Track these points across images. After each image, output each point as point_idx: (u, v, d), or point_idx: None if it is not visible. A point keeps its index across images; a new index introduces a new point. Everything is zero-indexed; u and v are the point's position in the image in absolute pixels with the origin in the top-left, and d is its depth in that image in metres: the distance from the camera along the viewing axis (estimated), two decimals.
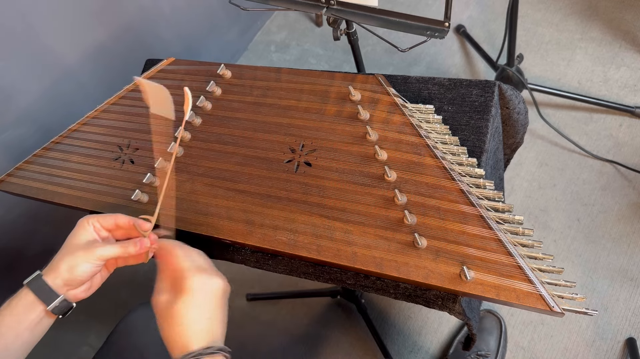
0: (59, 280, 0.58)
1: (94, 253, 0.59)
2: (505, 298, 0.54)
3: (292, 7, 0.82)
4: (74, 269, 0.58)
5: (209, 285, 0.55)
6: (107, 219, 0.62)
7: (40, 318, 0.59)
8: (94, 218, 0.62)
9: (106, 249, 0.59)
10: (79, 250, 0.59)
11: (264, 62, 1.72)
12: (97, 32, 1.26)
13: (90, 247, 0.59)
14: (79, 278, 0.59)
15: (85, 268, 0.58)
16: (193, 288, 0.53)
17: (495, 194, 0.60)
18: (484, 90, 0.68)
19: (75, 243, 0.60)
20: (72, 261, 0.58)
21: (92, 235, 0.61)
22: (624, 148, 1.25)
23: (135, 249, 0.61)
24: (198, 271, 0.55)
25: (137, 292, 1.40)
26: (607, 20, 1.44)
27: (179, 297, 0.53)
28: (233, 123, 0.77)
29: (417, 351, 1.15)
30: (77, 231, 0.61)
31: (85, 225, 0.61)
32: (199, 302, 0.53)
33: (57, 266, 0.59)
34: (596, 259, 1.15)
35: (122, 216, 0.63)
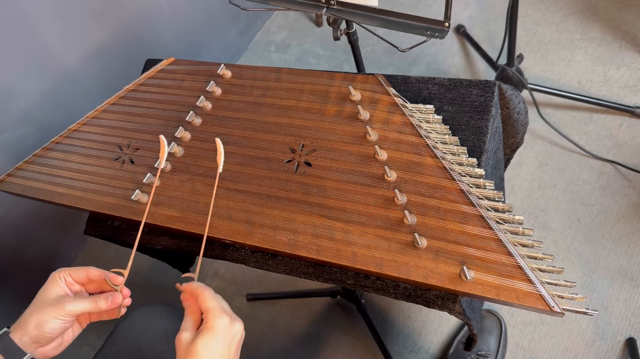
0: (26, 337, 0.57)
1: (63, 309, 0.57)
2: (505, 298, 0.54)
3: (292, 7, 0.82)
4: (42, 326, 0.57)
5: (232, 329, 0.54)
6: (78, 272, 0.61)
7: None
8: (66, 272, 0.61)
9: (76, 304, 0.58)
10: (48, 306, 0.58)
11: (264, 62, 1.72)
12: (97, 32, 1.26)
13: (60, 303, 0.58)
14: (47, 335, 0.57)
15: (54, 324, 0.57)
16: (217, 329, 0.53)
17: (495, 194, 0.60)
18: (484, 90, 0.68)
19: (45, 298, 0.59)
20: (41, 317, 0.57)
21: (63, 289, 0.60)
22: (624, 148, 1.25)
23: (106, 304, 0.60)
24: (223, 313, 0.54)
25: (137, 293, 1.40)
26: (607, 20, 1.44)
27: (201, 335, 0.53)
28: (233, 123, 0.77)
29: (417, 351, 1.15)
30: (48, 285, 0.60)
31: (56, 279, 0.60)
32: (219, 343, 0.53)
33: (25, 323, 0.57)
34: (596, 259, 1.15)
35: (94, 269, 0.61)
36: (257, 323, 1.27)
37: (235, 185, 0.71)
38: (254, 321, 1.27)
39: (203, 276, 1.37)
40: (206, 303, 0.55)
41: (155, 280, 1.42)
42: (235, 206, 0.70)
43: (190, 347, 0.52)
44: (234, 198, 0.70)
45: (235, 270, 1.37)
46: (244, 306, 1.31)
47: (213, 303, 0.55)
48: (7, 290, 1.29)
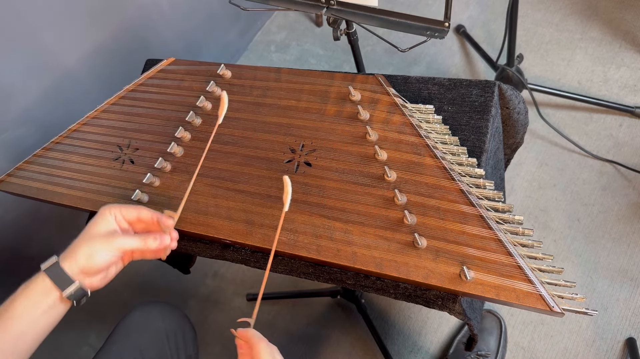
0: (75, 266, 0.58)
1: (114, 243, 0.59)
2: (505, 298, 0.54)
3: (292, 7, 0.82)
4: (92, 257, 0.58)
5: None
6: (130, 211, 0.62)
7: (55, 303, 0.59)
8: (117, 209, 0.62)
9: (126, 240, 0.59)
10: (99, 239, 0.59)
11: (264, 62, 1.72)
12: (97, 32, 1.26)
13: (110, 237, 0.59)
14: (96, 267, 0.59)
15: (103, 256, 0.58)
16: None
17: (495, 194, 0.60)
18: (484, 90, 0.68)
19: (95, 232, 0.60)
20: (91, 249, 0.58)
21: (113, 225, 0.61)
22: (624, 148, 1.25)
23: (155, 244, 0.61)
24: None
25: (137, 292, 1.40)
26: (607, 20, 1.44)
27: None
28: (233, 123, 0.77)
29: (417, 351, 1.15)
30: (98, 220, 0.61)
31: (106, 214, 0.61)
32: None
33: (74, 253, 0.59)
34: (596, 259, 1.15)
35: (146, 209, 0.63)
36: (257, 323, 1.27)
37: (235, 185, 0.71)
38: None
39: (203, 276, 1.37)
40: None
41: (155, 280, 1.42)
42: (235, 206, 0.70)
43: None
44: (234, 198, 0.70)
45: (235, 270, 1.37)
46: (244, 306, 1.31)
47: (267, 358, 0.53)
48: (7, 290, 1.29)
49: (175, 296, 1.37)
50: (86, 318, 1.37)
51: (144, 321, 0.81)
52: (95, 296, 0.64)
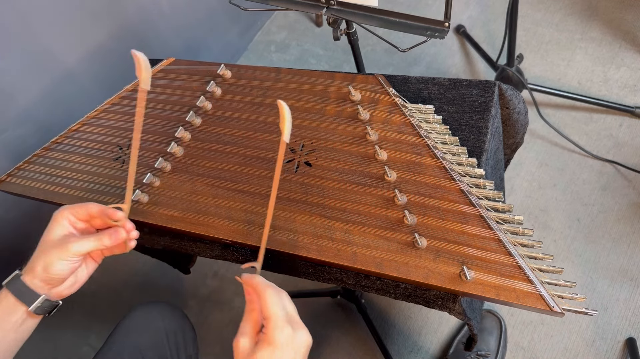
0: (36, 280, 0.56)
1: (69, 250, 0.56)
2: (505, 298, 0.54)
3: (292, 7, 0.82)
4: (50, 268, 0.56)
5: (296, 341, 0.49)
6: (79, 210, 0.59)
7: (23, 319, 0.57)
8: (68, 210, 0.59)
9: (81, 244, 0.57)
10: (53, 248, 0.56)
11: (264, 62, 1.72)
12: (97, 32, 1.26)
13: (64, 243, 0.56)
14: (56, 277, 0.57)
15: (61, 266, 0.56)
16: (279, 342, 0.48)
17: (495, 194, 0.60)
18: (484, 90, 0.68)
19: (50, 240, 0.58)
20: (47, 259, 0.56)
21: (67, 229, 0.59)
22: (624, 148, 1.25)
23: (110, 241, 0.58)
24: (287, 324, 0.49)
25: (137, 292, 1.40)
26: (607, 20, 1.44)
27: (260, 348, 0.48)
28: (233, 123, 0.77)
29: (417, 351, 1.15)
30: (52, 226, 0.59)
31: (59, 219, 0.59)
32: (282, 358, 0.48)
33: (33, 266, 0.56)
34: (596, 259, 1.15)
35: (94, 205, 0.59)
36: None
37: (235, 185, 0.71)
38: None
39: (203, 276, 1.37)
40: (267, 309, 0.49)
41: (155, 279, 1.42)
42: (235, 206, 0.70)
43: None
44: (234, 198, 0.70)
45: (235, 270, 1.37)
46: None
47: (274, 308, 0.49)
48: None
49: (175, 296, 1.37)
50: (86, 318, 1.38)
51: (144, 321, 0.81)
52: (95, 296, 0.64)
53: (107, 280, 1.35)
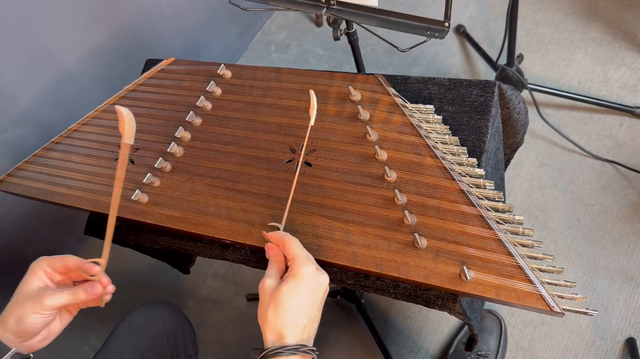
0: (8, 333, 0.56)
1: (43, 304, 0.56)
2: (505, 298, 0.54)
3: (292, 7, 0.82)
4: (22, 321, 0.55)
5: (318, 278, 0.53)
6: (57, 262, 0.59)
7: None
8: (45, 262, 0.59)
9: (55, 298, 0.56)
10: (27, 300, 0.56)
11: (264, 62, 1.72)
12: (97, 32, 1.26)
13: (39, 296, 0.56)
14: (29, 330, 0.56)
15: (34, 319, 0.56)
16: (303, 275, 0.52)
17: (495, 194, 0.60)
18: (484, 90, 0.68)
19: (25, 292, 0.57)
20: (20, 312, 0.56)
21: (43, 281, 0.58)
22: (624, 148, 1.25)
23: (85, 295, 0.58)
24: (309, 261, 0.54)
25: (137, 293, 1.40)
26: (607, 20, 1.44)
27: (286, 281, 0.52)
28: (233, 123, 0.77)
29: (417, 351, 1.15)
30: (28, 278, 0.58)
31: (36, 270, 0.58)
32: (305, 291, 0.52)
33: (6, 319, 0.56)
34: (596, 259, 1.15)
35: (72, 258, 0.60)
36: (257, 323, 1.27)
37: (235, 185, 0.71)
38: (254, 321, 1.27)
39: (203, 276, 1.37)
40: (292, 251, 0.54)
41: (155, 279, 1.42)
42: (235, 206, 0.70)
43: (276, 292, 0.52)
44: (234, 198, 0.70)
45: (235, 270, 1.37)
46: (244, 306, 1.31)
47: (299, 251, 0.55)
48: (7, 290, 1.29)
49: (175, 296, 1.37)
50: (86, 318, 1.37)
51: (144, 321, 0.81)
52: None
53: None
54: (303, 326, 0.52)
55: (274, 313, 0.51)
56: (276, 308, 0.51)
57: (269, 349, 0.50)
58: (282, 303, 0.51)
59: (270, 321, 0.52)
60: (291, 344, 0.50)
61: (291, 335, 0.51)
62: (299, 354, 0.50)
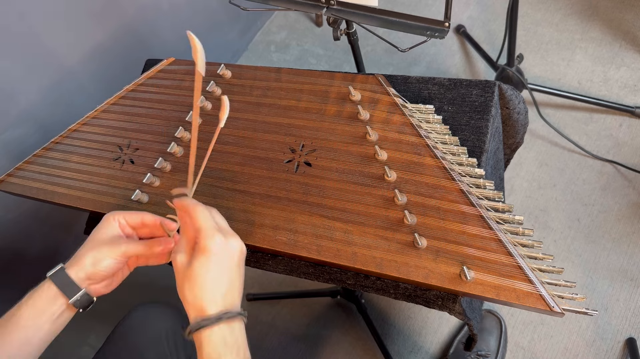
0: (82, 273, 0.58)
1: (119, 249, 0.59)
2: (505, 298, 0.54)
3: (292, 7, 0.82)
4: (98, 263, 0.58)
5: (228, 247, 0.53)
6: (133, 216, 0.62)
7: (61, 310, 0.59)
8: (120, 215, 0.62)
9: (131, 246, 0.59)
10: (104, 245, 0.59)
11: (264, 62, 1.72)
12: (97, 32, 1.26)
13: (115, 243, 0.59)
14: (102, 273, 0.59)
15: (108, 263, 0.59)
16: (212, 248, 0.51)
17: (495, 194, 0.60)
18: (484, 90, 0.68)
19: (101, 238, 0.60)
20: (97, 255, 0.58)
21: (117, 231, 0.61)
22: (624, 148, 1.25)
23: (160, 248, 0.61)
24: (217, 232, 0.52)
25: (137, 293, 1.40)
26: (607, 20, 1.44)
27: (197, 257, 0.52)
28: (233, 124, 0.77)
29: (417, 351, 1.15)
30: (103, 226, 0.61)
31: (110, 221, 0.61)
32: (216, 264, 0.52)
33: (81, 259, 0.59)
34: (596, 259, 1.15)
35: (149, 214, 0.62)
36: (257, 323, 1.27)
37: (235, 185, 0.71)
38: (254, 321, 1.27)
39: None
40: (197, 222, 0.53)
41: (155, 279, 1.42)
42: (235, 206, 0.70)
43: (188, 270, 0.52)
44: (234, 198, 0.70)
45: None
46: (244, 306, 1.30)
47: (205, 221, 0.53)
48: (7, 290, 1.29)
49: (175, 296, 1.37)
50: (86, 318, 1.37)
51: (143, 321, 0.81)
52: None
53: None
54: (223, 295, 0.51)
55: (190, 290, 0.51)
56: (191, 284, 0.51)
57: (191, 326, 0.51)
58: (195, 279, 0.51)
59: (188, 298, 0.52)
60: (213, 314, 0.50)
61: (212, 306, 0.51)
62: (223, 322, 0.50)
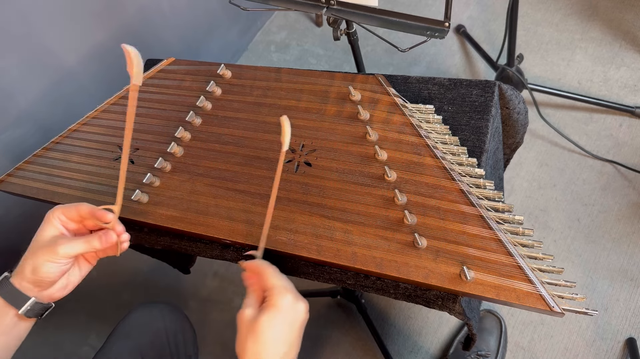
0: (25, 282, 0.55)
1: (57, 252, 0.54)
2: (505, 298, 0.54)
3: (292, 7, 0.82)
4: (38, 270, 0.54)
5: (296, 308, 0.53)
6: (70, 210, 0.57)
7: (14, 322, 0.56)
8: (59, 210, 0.57)
9: (69, 246, 0.55)
10: (41, 249, 0.55)
11: (264, 62, 1.72)
12: (97, 32, 1.26)
13: (53, 245, 0.55)
14: (46, 279, 0.55)
15: (49, 267, 0.55)
16: (281, 306, 0.52)
17: (495, 194, 0.60)
18: (484, 90, 0.68)
19: (39, 240, 0.56)
20: (35, 261, 0.55)
21: (58, 229, 0.57)
22: (624, 148, 1.25)
23: (100, 243, 0.56)
24: (288, 291, 0.53)
25: (137, 293, 1.40)
26: (607, 20, 1.44)
27: (264, 312, 0.52)
28: (233, 124, 0.77)
29: (417, 351, 1.15)
30: (43, 226, 0.57)
31: (50, 219, 0.57)
32: (283, 321, 0.52)
33: (22, 268, 0.55)
34: (596, 259, 1.15)
35: (84, 205, 0.58)
36: None
37: (235, 185, 0.71)
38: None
39: (203, 276, 1.37)
40: (270, 281, 0.54)
41: (155, 280, 1.42)
42: (235, 206, 0.70)
43: (254, 324, 0.51)
44: (234, 198, 0.70)
45: (235, 270, 1.37)
46: None
47: (276, 280, 0.54)
48: None
49: (175, 296, 1.37)
50: (86, 318, 1.37)
51: (144, 321, 0.81)
52: (96, 296, 0.64)
53: (107, 280, 1.35)
54: (283, 355, 0.52)
55: (253, 343, 0.51)
56: (255, 339, 0.51)
57: None
58: (261, 334, 0.51)
59: (249, 351, 0.51)
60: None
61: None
62: None
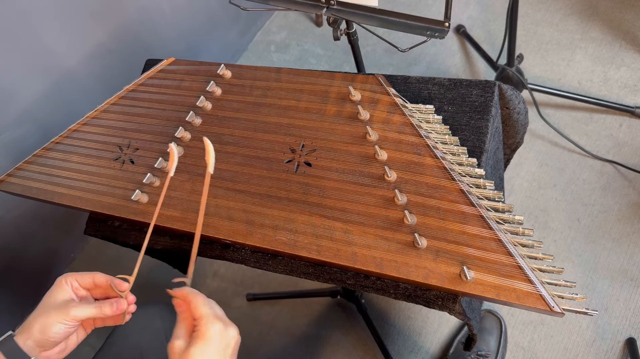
0: (30, 341, 0.57)
1: (69, 314, 0.57)
2: (505, 298, 0.54)
3: (292, 7, 0.82)
4: (47, 329, 0.56)
5: (226, 336, 0.54)
6: (84, 277, 0.61)
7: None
8: (72, 277, 0.60)
9: (81, 310, 0.58)
10: (53, 310, 0.57)
11: (264, 62, 1.72)
12: (97, 32, 1.26)
13: (65, 307, 0.57)
14: (52, 339, 0.57)
15: (58, 328, 0.57)
16: (211, 336, 0.53)
17: (495, 194, 0.60)
18: (484, 90, 0.68)
19: (50, 303, 0.58)
20: (46, 321, 0.57)
21: (69, 294, 0.60)
22: (624, 148, 1.25)
23: (111, 310, 0.59)
24: (216, 319, 0.54)
25: (137, 293, 1.40)
26: (607, 20, 1.44)
27: (194, 343, 0.52)
28: (233, 124, 0.77)
29: (417, 351, 1.15)
30: (54, 290, 0.59)
31: (62, 283, 0.60)
32: (214, 351, 0.52)
33: (30, 326, 0.57)
34: (596, 259, 1.15)
35: (100, 275, 0.61)
36: (257, 323, 1.27)
37: (235, 185, 0.71)
38: (254, 321, 1.27)
39: (203, 276, 1.37)
40: (198, 310, 0.54)
41: (155, 280, 1.42)
42: (235, 206, 0.70)
43: (184, 356, 0.52)
44: (234, 198, 0.70)
45: (235, 270, 1.37)
46: (244, 306, 1.31)
47: (205, 309, 0.54)
48: (7, 290, 1.29)
49: None
50: None
51: (143, 321, 0.81)
52: None
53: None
54: None
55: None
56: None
57: None
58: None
59: None
60: None
61: None
62: None
